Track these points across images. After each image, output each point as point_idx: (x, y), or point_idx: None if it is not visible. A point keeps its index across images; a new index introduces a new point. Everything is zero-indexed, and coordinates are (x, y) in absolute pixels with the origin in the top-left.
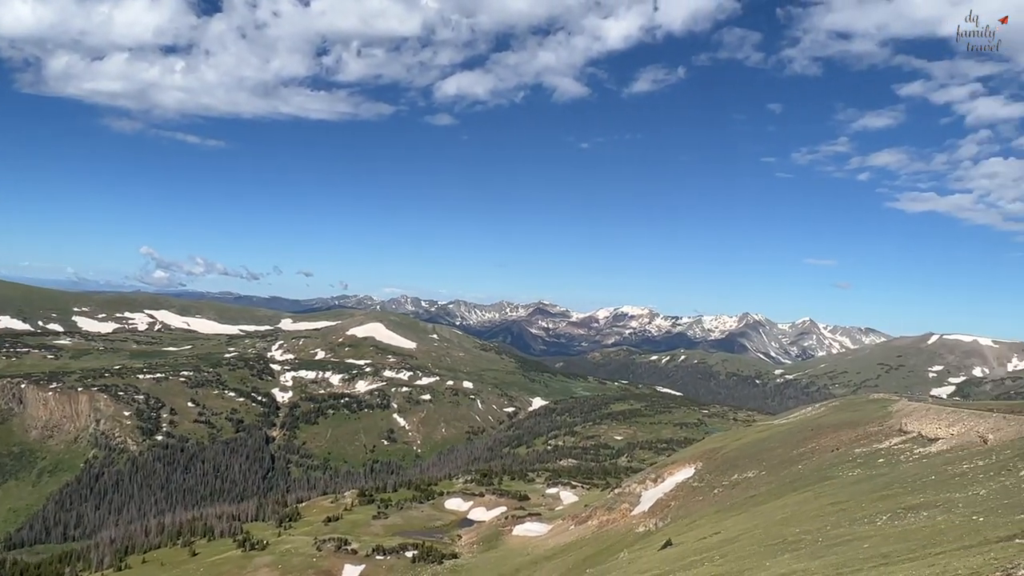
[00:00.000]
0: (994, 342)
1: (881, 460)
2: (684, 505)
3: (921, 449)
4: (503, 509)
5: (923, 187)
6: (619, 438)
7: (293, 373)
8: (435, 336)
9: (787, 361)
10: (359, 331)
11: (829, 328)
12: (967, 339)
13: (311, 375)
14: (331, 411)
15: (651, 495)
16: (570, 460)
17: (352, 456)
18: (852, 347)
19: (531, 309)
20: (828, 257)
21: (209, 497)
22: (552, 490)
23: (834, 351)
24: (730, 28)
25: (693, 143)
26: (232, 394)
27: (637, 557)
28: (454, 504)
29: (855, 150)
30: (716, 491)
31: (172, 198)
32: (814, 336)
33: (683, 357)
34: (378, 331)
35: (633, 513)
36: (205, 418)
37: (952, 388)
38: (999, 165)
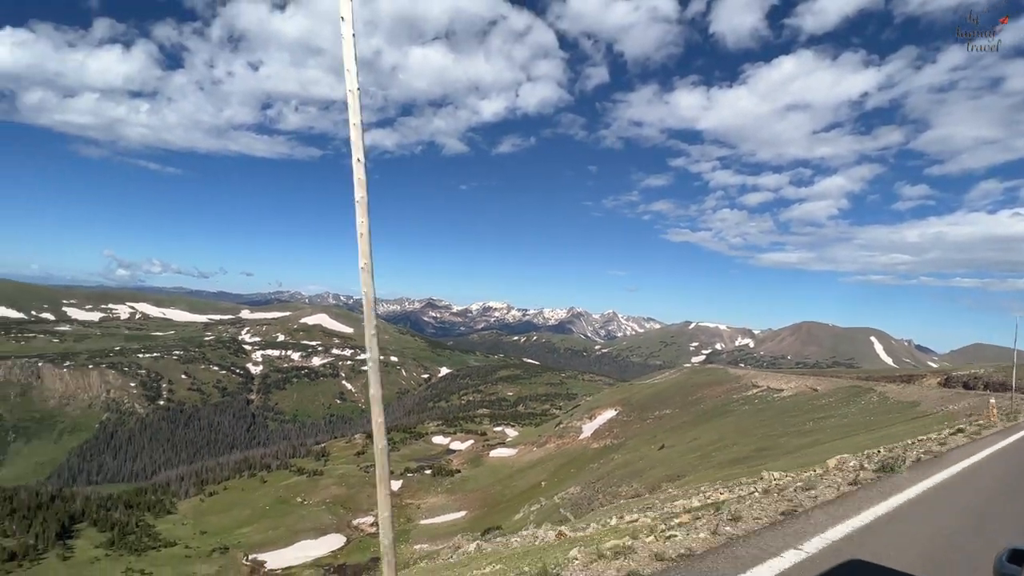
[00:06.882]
0: (727, 327)
1: (757, 401)
2: (626, 431)
3: (777, 395)
4: (472, 441)
5: (683, 226)
6: (511, 394)
7: (261, 352)
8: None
9: (599, 340)
10: (309, 320)
11: (626, 317)
12: (712, 325)
13: (276, 353)
14: (295, 380)
15: (590, 427)
16: (484, 409)
17: (314, 413)
18: (640, 330)
19: (423, 303)
20: (624, 269)
21: (205, 447)
22: (498, 428)
23: (629, 333)
24: (565, 113)
25: (538, 189)
26: (216, 368)
27: (639, 456)
28: (438, 440)
29: (642, 200)
30: (648, 421)
31: (133, 212)
32: (616, 323)
33: (535, 337)
34: (324, 320)
35: (581, 438)
36: (196, 387)
37: (703, 357)
38: (727, 214)
